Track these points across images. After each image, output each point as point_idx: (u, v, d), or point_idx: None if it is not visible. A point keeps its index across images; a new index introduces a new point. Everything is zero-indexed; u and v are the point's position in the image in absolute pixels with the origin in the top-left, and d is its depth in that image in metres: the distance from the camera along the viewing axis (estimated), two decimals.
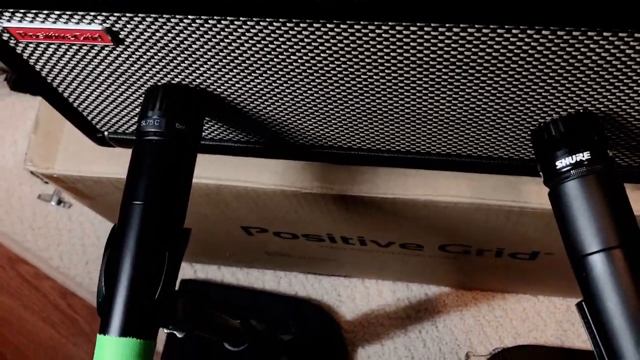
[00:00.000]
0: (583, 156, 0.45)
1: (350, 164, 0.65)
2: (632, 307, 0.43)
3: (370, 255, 0.89)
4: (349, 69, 0.47)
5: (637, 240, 0.44)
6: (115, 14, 0.44)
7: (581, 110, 0.47)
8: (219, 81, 0.51)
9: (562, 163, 0.46)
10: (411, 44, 0.43)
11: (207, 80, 0.52)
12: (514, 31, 0.40)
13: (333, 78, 0.49)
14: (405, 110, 0.52)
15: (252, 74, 0.50)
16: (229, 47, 0.46)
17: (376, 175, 0.66)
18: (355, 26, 0.42)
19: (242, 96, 0.53)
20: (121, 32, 0.47)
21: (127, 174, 0.51)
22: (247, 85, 0.52)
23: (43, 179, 1.20)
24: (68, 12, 0.45)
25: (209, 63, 0.49)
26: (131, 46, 0.48)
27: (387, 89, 0.49)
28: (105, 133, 0.65)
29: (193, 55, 0.48)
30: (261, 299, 1.07)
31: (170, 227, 0.50)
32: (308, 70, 0.48)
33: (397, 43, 0.43)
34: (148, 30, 0.46)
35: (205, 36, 0.45)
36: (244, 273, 1.10)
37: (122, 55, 0.50)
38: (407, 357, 1.02)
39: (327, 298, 1.07)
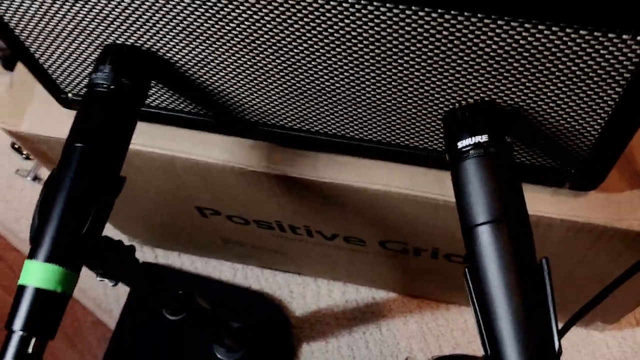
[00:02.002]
0: (482, 138, 0.50)
1: (292, 145, 0.70)
2: (507, 274, 0.47)
3: (318, 249, 0.92)
4: (282, 42, 0.52)
5: (521, 217, 0.49)
6: None
7: (486, 99, 0.52)
8: (167, 45, 0.56)
9: (463, 143, 0.50)
10: (336, 19, 0.48)
11: (157, 44, 0.56)
12: (420, 13, 0.45)
13: (270, 49, 0.53)
14: (334, 89, 0.56)
15: (197, 40, 0.55)
16: (174, 9, 0.51)
17: (317, 160, 0.70)
18: None
19: (188, 63, 0.58)
20: None
21: (73, 119, 0.55)
22: (193, 52, 0.56)
23: (21, 154, 1.24)
24: None
25: (158, 24, 0.54)
26: (90, 1, 0.53)
27: (315, 65, 0.53)
28: (69, 94, 0.70)
29: (144, 15, 0.53)
30: (215, 287, 1.10)
31: (105, 170, 0.54)
32: (247, 39, 0.53)
33: (323, 18, 0.48)
34: None
35: None
36: (202, 262, 1.14)
37: (83, 10, 0.55)
38: (349, 357, 1.05)
39: (279, 293, 1.10)
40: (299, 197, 0.75)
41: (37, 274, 0.50)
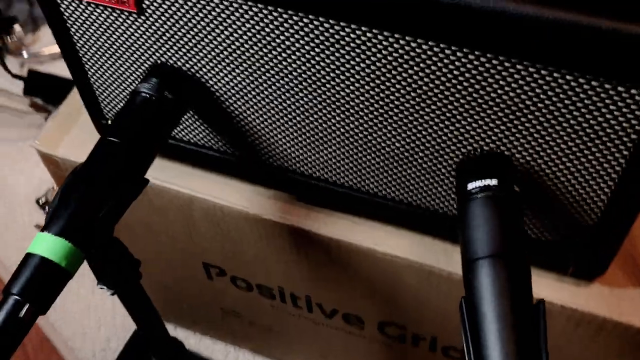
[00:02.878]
0: (491, 182, 0.52)
1: (309, 199, 0.72)
2: (501, 308, 0.47)
3: (315, 329, 0.91)
4: (326, 76, 0.57)
5: (521, 257, 0.50)
6: None
7: (498, 152, 0.55)
8: (213, 70, 0.61)
9: (473, 185, 0.52)
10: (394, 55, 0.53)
11: (203, 69, 0.61)
12: (447, 51, 0.50)
13: (305, 83, 0.58)
14: (359, 131, 0.60)
15: (242, 66, 0.59)
16: (229, 31, 0.57)
17: (330, 217, 0.72)
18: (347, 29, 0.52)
19: (228, 92, 0.63)
20: (146, 1, 0.58)
21: (112, 117, 0.59)
22: (235, 80, 0.61)
23: (44, 210, 1.27)
24: None
25: (209, 46, 0.59)
26: (150, 18, 0.59)
27: (350, 101, 0.58)
28: (110, 122, 0.74)
29: (198, 36, 0.58)
30: None
31: (131, 167, 0.57)
32: (286, 79, 0.58)
33: (375, 49, 0.53)
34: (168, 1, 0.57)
35: (213, 13, 0.56)
36: (196, 339, 1.12)
37: (141, 28, 0.60)
38: None
39: None
40: (306, 255, 0.76)
41: (46, 245, 0.52)
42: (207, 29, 0.58)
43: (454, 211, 0.64)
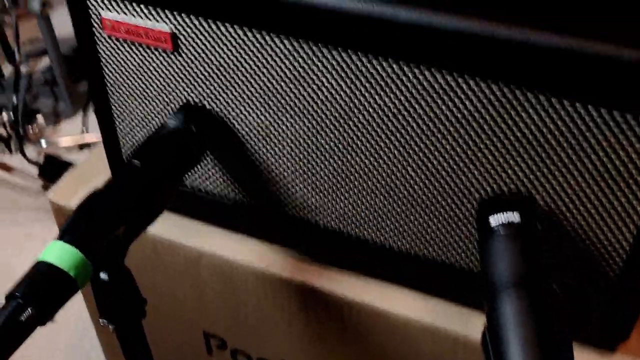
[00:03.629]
0: (514, 218, 0.51)
1: (321, 257, 0.71)
2: (524, 334, 0.45)
3: None
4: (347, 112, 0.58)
5: (544, 288, 0.48)
6: (181, 15, 0.58)
7: (523, 193, 0.55)
8: (239, 110, 0.62)
9: (495, 220, 0.52)
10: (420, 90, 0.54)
11: (230, 108, 0.63)
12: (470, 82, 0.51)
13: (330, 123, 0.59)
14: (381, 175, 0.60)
15: (266, 106, 0.61)
16: (259, 69, 0.59)
17: (341, 276, 0.71)
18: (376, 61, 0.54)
19: (251, 133, 0.64)
20: (180, 37, 0.60)
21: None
22: (259, 122, 0.62)
23: None
24: (149, 8, 0.59)
25: (239, 85, 0.61)
26: (183, 55, 0.61)
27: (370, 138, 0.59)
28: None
29: (228, 75, 0.60)
30: None
31: (150, 192, 0.57)
32: (313, 112, 0.59)
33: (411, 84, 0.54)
34: (201, 36, 0.59)
35: (245, 50, 0.58)
36: None
37: (174, 66, 0.62)
38: None
39: None
40: (315, 316, 0.73)
41: (56, 252, 0.51)
42: (239, 67, 0.60)
43: (471, 265, 0.62)
